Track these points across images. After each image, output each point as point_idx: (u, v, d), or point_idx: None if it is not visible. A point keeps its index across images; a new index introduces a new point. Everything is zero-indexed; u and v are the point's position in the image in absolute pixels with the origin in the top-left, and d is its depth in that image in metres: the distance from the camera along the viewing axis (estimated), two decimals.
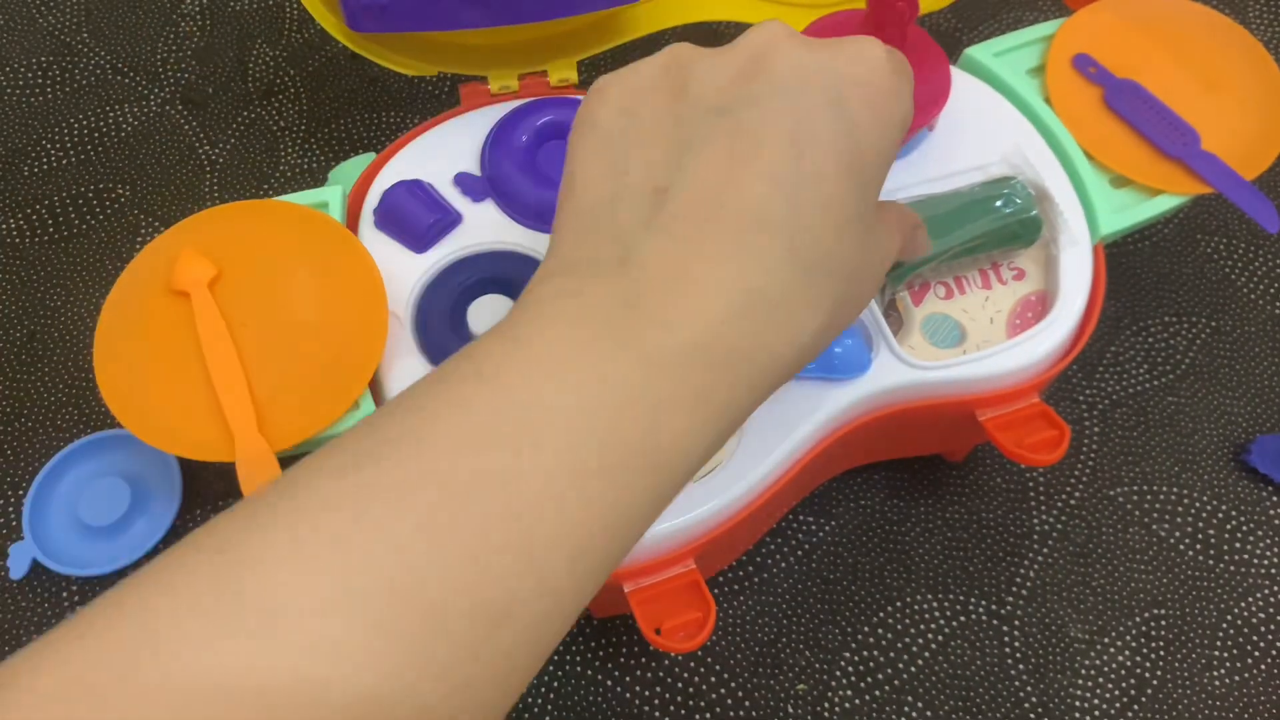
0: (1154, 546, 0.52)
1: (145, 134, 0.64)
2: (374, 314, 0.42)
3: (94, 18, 0.68)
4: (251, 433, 0.40)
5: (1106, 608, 0.51)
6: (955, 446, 0.53)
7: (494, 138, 0.48)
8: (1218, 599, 0.51)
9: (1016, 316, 0.46)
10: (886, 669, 0.49)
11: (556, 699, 0.48)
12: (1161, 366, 0.57)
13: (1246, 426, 0.55)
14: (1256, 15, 0.69)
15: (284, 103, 0.65)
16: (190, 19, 0.68)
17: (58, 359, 0.57)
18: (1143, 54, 0.50)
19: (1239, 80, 0.49)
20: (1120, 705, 0.48)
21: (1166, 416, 0.56)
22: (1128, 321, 0.58)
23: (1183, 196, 0.47)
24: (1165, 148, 0.47)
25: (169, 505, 0.51)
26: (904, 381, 0.43)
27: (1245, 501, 0.53)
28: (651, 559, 0.40)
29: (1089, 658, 0.49)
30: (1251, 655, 0.50)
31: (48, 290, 0.59)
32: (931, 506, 0.53)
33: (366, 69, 0.66)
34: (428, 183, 0.47)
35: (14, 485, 0.53)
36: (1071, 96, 0.49)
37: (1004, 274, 0.47)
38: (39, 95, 0.65)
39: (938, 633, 0.50)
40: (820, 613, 0.50)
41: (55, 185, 0.62)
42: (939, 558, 0.52)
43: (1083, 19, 0.51)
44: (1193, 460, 0.54)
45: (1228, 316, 0.59)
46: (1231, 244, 0.61)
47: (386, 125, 0.64)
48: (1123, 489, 0.54)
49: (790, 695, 0.48)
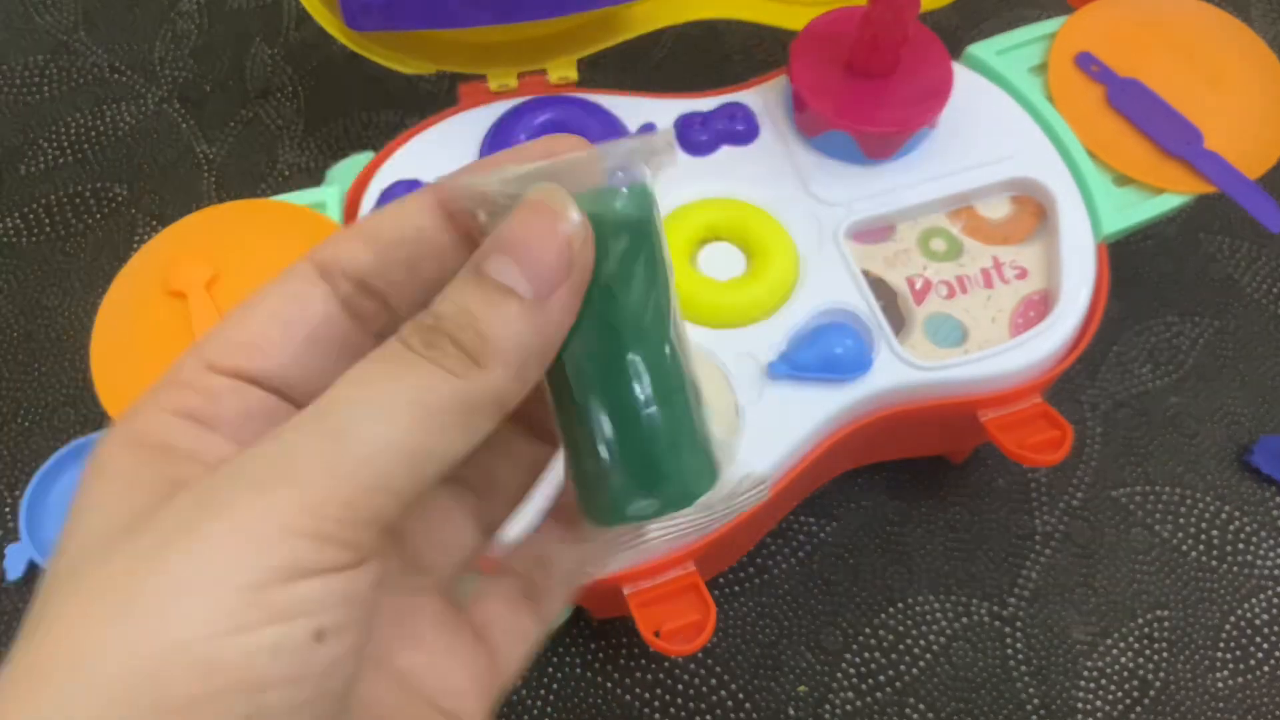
0: (1157, 548, 0.52)
1: (142, 133, 0.64)
2: None
3: (91, 16, 0.68)
4: None
5: (1109, 609, 0.50)
6: (957, 447, 0.53)
7: (493, 137, 0.48)
8: (1221, 600, 0.51)
9: (1019, 316, 0.45)
10: (888, 671, 0.49)
11: (556, 700, 0.48)
12: (1164, 366, 0.57)
13: (1250, 427, 0.55)
14: (1260, 13, 0.69)
15: (282, 101, 0.65)
16: (188, 17, 0.68)
17: (54, 359, 0.56)
18: (1145, 52, 0.49)
19: (1242, 78, 0.49)
20: (1123, 707, 0.48)
21: (1169, 417, 0.55)
22: (1130, 321, 0.58)
23: (1186, 195, 0.47)
24: (1168, 146, 0.47)
25: None
26: (905, 382, 0.43)
27: (1249, 502, 0.53)
28: (651, 561, 0.40)
29: (1091, 659, 0.49)
30: (1254, 657, 0.49)
31: (44, 290, 0.58)
32: (933, 507, 0.53)
33: (365, 68, 0.65)
34: (426, 182, 0.46)
35: (10, 486, 0.53)
36: (1074, 95, 0.49)
37: (1006, 273, 0.46)
38: (36, 94, 0.65)
39: (939, 634, 0.50)
40: (821, 614, 0.50)
41: (52, 184, 0.62)
42: (941, 559, 0.51)
43: (1085, 17, 0.51)
44: (1196, 461, 0.54)
45: (1231, 316, 0.58)
46: (1235, 243, 0.60)
47: (385, 124, 0.64)
48: (1125, 490, 0.53)
49: (791, 697, 0.48)
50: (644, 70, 0.65)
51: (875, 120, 0.45)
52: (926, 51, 0.47)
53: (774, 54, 0.55)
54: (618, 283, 0.19)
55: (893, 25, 0.44)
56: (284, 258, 0.43)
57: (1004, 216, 0.48)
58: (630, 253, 0.19)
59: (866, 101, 0.46)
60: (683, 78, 0.54)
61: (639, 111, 0.49)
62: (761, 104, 0.49)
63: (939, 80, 0.46)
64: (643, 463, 0.20)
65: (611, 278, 0.19)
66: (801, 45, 0.47)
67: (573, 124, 0.48)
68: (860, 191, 0.46)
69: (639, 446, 0.20)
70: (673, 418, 0.20)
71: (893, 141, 0.46)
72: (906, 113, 0.46)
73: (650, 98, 0.50)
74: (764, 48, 0.66)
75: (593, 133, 0.48)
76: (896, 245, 0.47)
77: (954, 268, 0.46)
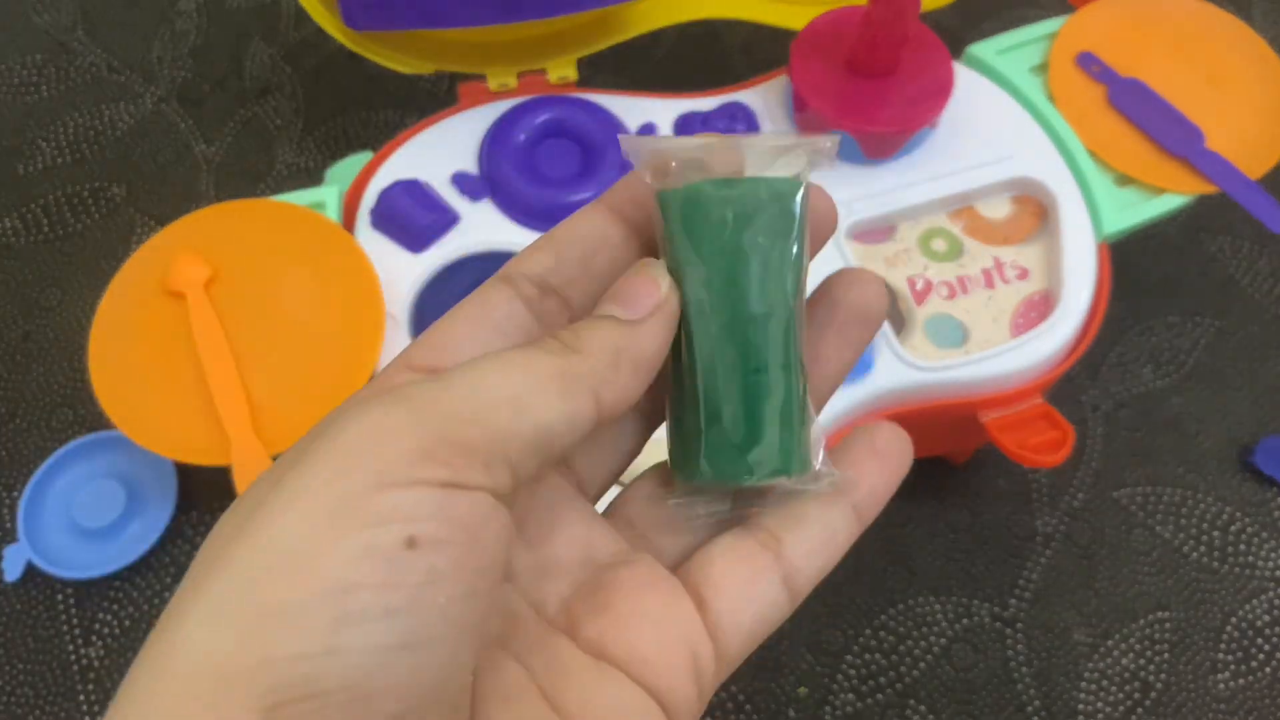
0: (1158, 549, 0.52)
1: (141, 133, 0.63)
2: (371, 315, 0.42)
3: (89, 16, 0.68)
4: (247, 436, 0.39)
5: (1110, 610, 0.50)
6: (958, 448, 0.53)
7: (492, 136, 0.48)
8: (1222, 601, 0.50)
9: (1020, 316, 0.45)
10: (889, 672, 0.49)
11: None
12: (1166, 367, 0.57)
13: (1252, 428, 0.55)
14: (1261, 13, 0.69)
15: (280, 101, 0.64)
16: (186, 17, 0.68)
17: (53, 360, 0.56)
18: (1147, 52, 0.49)
19: (1244, 78, 0.49)
20: (1124, 709, 0.48)
21: (1171, 418, 0.55)
22: (1131, 322, 0.58)
23: (1187, 195, 0.47)
24: (1169, 146, 0.47)
25: (164, 507, 0.51)
26: (906, 383, 0.43)
27: (1250, 503, 0.53)
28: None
29: (1093, 661, 0.49)
30: (1256, 658, 0.49)
31: (43, 290, 0.58)
32: (934, 509, 0.53)
33: (364, 67, 0.65)
34: (425, 182, 0.46)
35: (8, 487, 0.53)
36: (1075, 94, 0.49)
37: (1007, 273, 0.46)
38: (34, 94, 0.65)
39: (940, 636, 0.49)
40: (822, 615, 0.50)
41: (50, 184, 0.62)
42: (941, 560, 0.51)
43: (1086, 17, 0.51)
44: (1197, 462, 0.54)
45: (1233, 317, 0.58)
46: (1236, 243, 0.60)
47: (384, 124, 0.64)
48: (1126, 491, 0.53)
49: (791, 699, 0.48)
50: (644, 70, 0.65)
51: (876, 120, 0.45)
52: (927, 51, 0.47)
53: (774, 54, 0.55)
54: (755, 253, 0.20)
55: (893, 25, 0.44)
56: (283, 258, 0.43)
57: (1005, 217, 0.48)
58: (772, 228, 0.20)
59: (867, 101, 0.46)
60: (683, 78, 0.54)
61: (639, 111, 0.49)
62: (762, 104, 0.49)
63: (940, 80, 0.46)
64: (749, 425, 0.21)
65: (753, 244, 0.20)
66: (802, 45, 0.47)
67: (572, 124, 0.48)
68: (861, 191, 0.46)
69: (748, 407, 0.21)
70: (784, 391, 0.21)
71: (893, 141, 0.46)
72: (907, 113, 0.46)
73: (650, 97, 0.50)
74: (764, 48, 0.66)
75: (593, 133, 0.48)
76: (897, 245, 0.47)
77: (955, 268, 0.46)
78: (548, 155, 0.48)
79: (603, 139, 0.48)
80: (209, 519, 0.52)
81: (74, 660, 0.49)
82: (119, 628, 0.50)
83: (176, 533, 0.51)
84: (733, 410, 0.21)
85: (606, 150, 0.48)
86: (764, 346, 0.21)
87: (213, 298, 0.42)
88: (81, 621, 0.50)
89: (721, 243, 0.20)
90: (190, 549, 0.51)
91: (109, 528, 0.50)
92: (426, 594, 0.16)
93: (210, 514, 0.52)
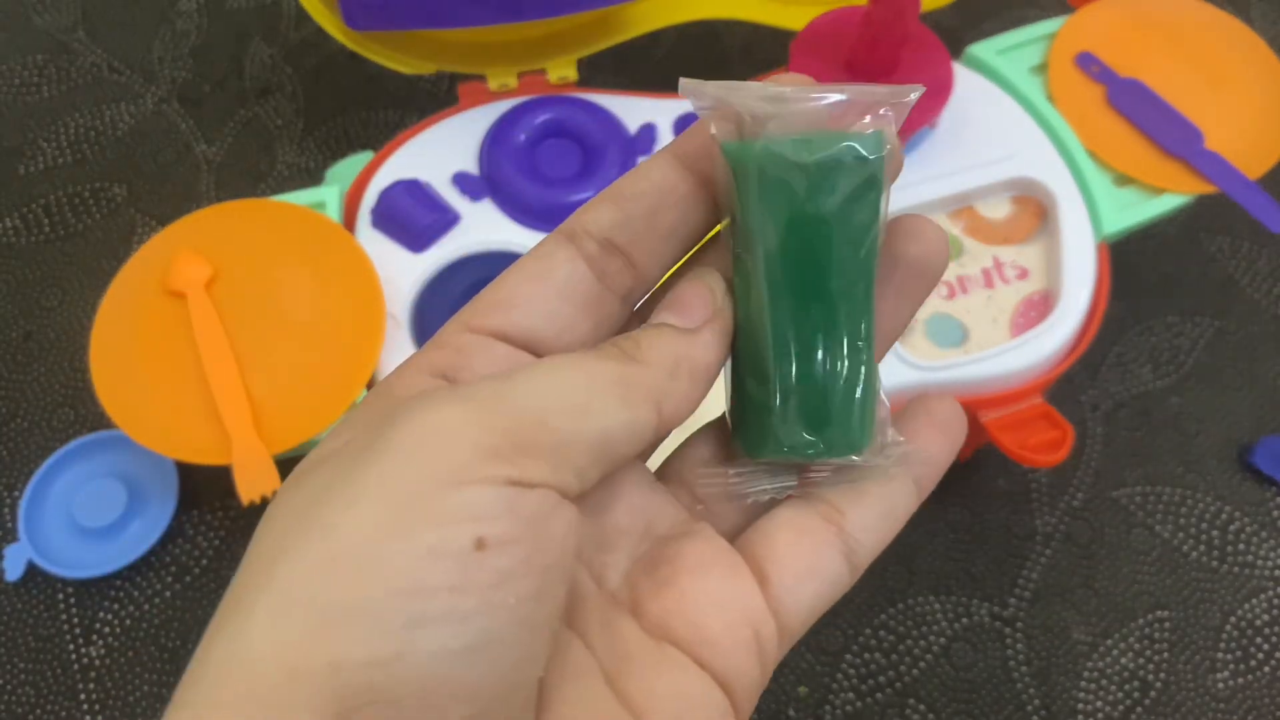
0: (1157, 548, 0.52)
1: (141, 133, 0.64)
2: (371, 315, 0.42)
3: (90, 16, 0.68)
4: (248, 435, 0.39)
5: (1110, 610, 0.50)
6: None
7: (492, 136, 0.48)
8: (1222, 601, 0.51)
9: (1019, 316, 0.45)
10: (889, 671, 0.49)
11: None
12: (1165, 367, 0.57)
13: (1251, 428, 0.55)
14: (1260, 13, 0.69)
15: (281, 101, 0.65)
16: (187, 17, 0.68)
17: (54, 359, 0.56)
18: (1146, 52, 0.49)
19: (1243, 78, 0.49)
20: (1124, 708, 0.48)
21: (1170, 417, 0.55)
22: (1131, 321, 0.58)
23: (1186, 195, 0.47)
24: (1169, 146, 0.47)
25: (165, 507, 0.51)
26: (906, 382, 0.43)
27: (1249, 503, 0.53)
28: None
29: (1092, 660, 0.49)
30: (1255, 658, 0.49)
31: (44, 290, 0.58)
32: (934, 508, 0.53)
33: (364, 67, 0.65)
34: (425, 182, 0.46)
35: (9, 486, 0.53)
36: (1074, 95, 0.49)
37: (1007, 273, 0.46)
38: (34, 94, 0.65)
39: (940, 635, 0.50)
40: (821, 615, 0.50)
41: (51, 184, 0.62)
42: (941, 559, 0.51)
43: (1085, 17, 0.51)
44: (1197, 462, 0.54)
45: (1232, 317, 0.58)
46: (1236, 244, 0.60)
47: (384, 124, 0.64)
48: (1126, 490, 0.53)
49: (791, 698, 0.48)
50: (644, 70, 0.65)
51: None
52: (927, 51, 0.47)
53: (774, 54, 0.55)
54: (834, 220, 0.19)
55: (893, 25, 0.44)
56: (284, 258, 0.43)
57: (1004, 216, 0.48)
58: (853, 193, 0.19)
59: None
60: (683, 77, 0.54)
61: (639, 111, 0.49)
62: None
63: (939, 80, 0.46)
64: (824, 402, 0.20)
65: (833, 212, 0.19)
66: (801, 45, 0.47)
67: (573, 124, 0.48)
68: None
69: (825, 383, 0.20)
70: (860, 365, 0.20)
71: None
72: None
73: (650, 98, 0.50)
74: (764, 48, 0.66)
75: (593, 133, 0.48)
76: None
77: (955, 268, 0.46)
78: (548, 155, 0.48)
79: (603, 139, 0.48)
80: (210, 518, 0.52)
81: (74, 660, 0.49)
82: (119, 627, 0.50)
83: (177, 532, 0.51)
84: (807, 386, 0.20)
85: (606, 150, 0.48)
86: (842, 321, 0.20)
87: (214, 297, 0.42)
88: (82, 621, 0.50)
89: (799, 209, 0.19)
90: (191, 548, 0.51)
91: (110, 527, 0.50)
92: (496, 595, 0.16)
93: (211, 513, 0.52)
